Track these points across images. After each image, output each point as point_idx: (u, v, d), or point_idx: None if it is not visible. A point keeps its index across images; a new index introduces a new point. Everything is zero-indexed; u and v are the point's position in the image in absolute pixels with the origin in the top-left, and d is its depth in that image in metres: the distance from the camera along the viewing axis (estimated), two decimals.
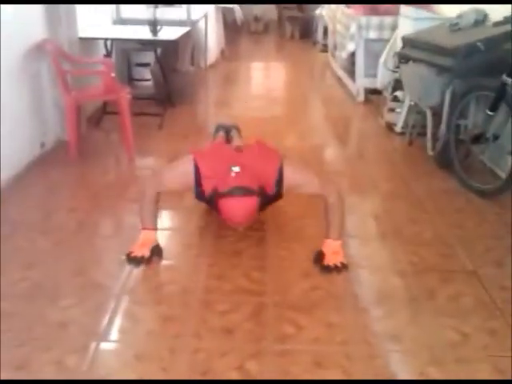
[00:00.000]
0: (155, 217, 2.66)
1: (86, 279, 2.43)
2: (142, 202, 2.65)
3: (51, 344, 2.02)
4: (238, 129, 3.65)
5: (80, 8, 4.19)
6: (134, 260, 2.55)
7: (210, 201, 2.50)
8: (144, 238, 2.62)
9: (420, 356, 2.01)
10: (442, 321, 2.20)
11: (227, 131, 3.58)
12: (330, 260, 2.55)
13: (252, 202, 2.38)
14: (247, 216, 2.41)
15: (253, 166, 2.50)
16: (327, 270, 2.52)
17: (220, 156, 2.67)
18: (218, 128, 3.64)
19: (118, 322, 2.17)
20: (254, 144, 2.82)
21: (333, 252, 2.58)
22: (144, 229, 2.64)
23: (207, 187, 2.50)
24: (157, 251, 2.61)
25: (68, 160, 3.71)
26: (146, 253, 2.58)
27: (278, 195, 2.62)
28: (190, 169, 2.54)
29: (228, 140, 3.48)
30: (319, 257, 2.58)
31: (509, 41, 3.25)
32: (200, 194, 2.58)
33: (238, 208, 2.37)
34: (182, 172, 2.61)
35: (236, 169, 2.44)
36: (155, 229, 2.66)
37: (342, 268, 2.53)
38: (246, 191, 2.35)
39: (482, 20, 3.72)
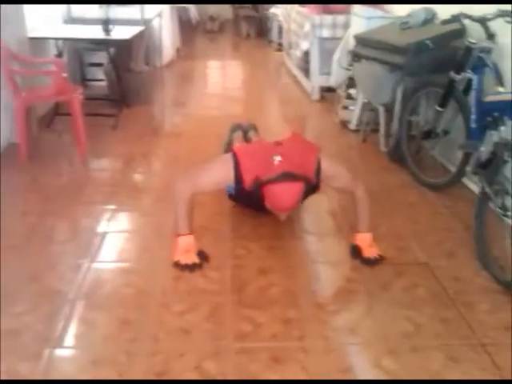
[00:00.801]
0: (191, 221, 2.59)
1: (39, 285, 2.38)
2: (177, 207, 2.56)
3: (3, 352, 1.96)
4: (256, 128, 3.53)
5: (29, 7, 4.09)
6: (186, 268, 2.49)
7: (254, 192, 2.42)
8: (184, 244, 2.55)
9: (376, 347, 2.05)
10: (396, 312, 2.25)
11: (245, 131, 3.47)
12: (369, 253, 2.59)
13: (299, 187, 2.37)
14: (294, 201, 2.39)
15: (293, 156, 2.50)
16: (369, 263, 2.56)
17: (260, 149, 2.63)
18: (234, 128, 3.49)
19: (73, 327, 2.13)
20: (291, 136, 2.80)
21: (369, 245, 2.62)
22: (180, 235, 2.56)
23: (249, 179, 2.44)
24: (204, 256, 2.57)
25: (19, 163, 3.61)
26: (195, 259, 2.53)
27: (317, 186, 2.61)
28: (230, 166, 2.50)
29: (246, 140, 3.37)
30: (357, 251, 2.61)
31: (456, 38, 3.35)
32: (240, 191, 2.54)
33: (286, 193, 2.36)
34: (220, 171, 2.56)
35: (278, 157, 2.43)
36: (191, 234, 2.58)
37: (381, 260, 2.58)
38: (292, 176, 2.35)
39: (430, 18, 3.80)
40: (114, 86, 4.95)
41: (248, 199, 2.69)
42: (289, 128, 4.40)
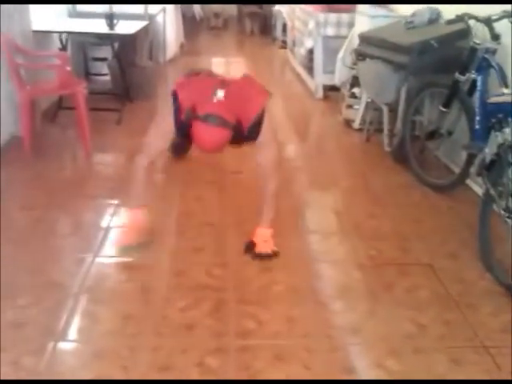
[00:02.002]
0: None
1: (43, 278, 2.38)
2: (135, 179, 2.63)
3: (6, 345, 1.97)
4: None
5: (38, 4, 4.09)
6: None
7: (186, 122, 2.35)
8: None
9: (379, 348, 2.05)
10: (399, 313, 2.25)
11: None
12: (261, 248, 2.60)
13: (223, 134, 2.30)
14: (216, 146, 2.35)
15: (235, 98, 2.39)
16: (259, 257, 2.57)
17: (202, 82, 2.51)
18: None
19: (76, 321, 2.14)
20: (242, 78, 2.68)
21: (264, 240, 2.62)
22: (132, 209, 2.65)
23: (184, 108, 2.37)
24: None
25: (22, 156, 3.60)
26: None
27: (252, 137, 2.52)
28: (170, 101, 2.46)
29: None
30: (250, 246, 2.62)
31: (461, 39, 3.34)
32: (178, 122, 2.45)
33: (209, 136, 2.30)
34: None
35: (220, 94, 2.35)
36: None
37: (273, 255, 2.58)
38: (220, 122, 2.27)
39: (435, 18, 3.80)
40: (118, 81, 4.94)
41: (182, 131, 2.51)
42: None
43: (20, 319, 2.10)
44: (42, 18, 4.41)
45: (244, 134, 2.44)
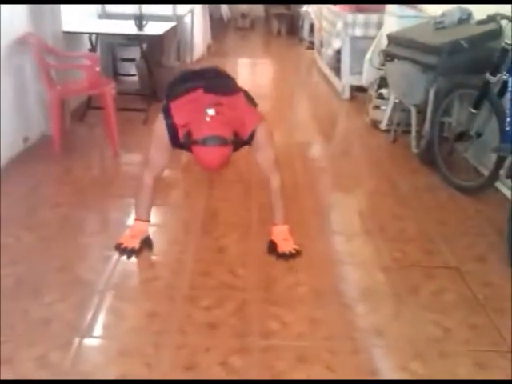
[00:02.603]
0: (150, 208, 2.65)
1: (70, 275, 2.42)
2: (138, 192, 2.63)
3: (35, 340, 2.01)
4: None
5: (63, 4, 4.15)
6: (123, 251, 2.56)
7: (185, 146, 2.37)
8: (135, 229, 2.63)
9: (403, 351, 2.03)
10: (424, 316, 2.22)
11: None
12: (283, 248, 2.58)
13: (225, 151, 2.29)
14: (220, 164, 2.34)
15: (228, 115, 2.36)
16: (284, 257, 2.55)
17: (195, 103, 2.42)
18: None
19: (101, 317, 2.17)
20: (234, 97, 2.56)
21: (283, 239, 2.61)
22: (137, 219, 2.65)
23: (181, 133, 2.37)
24: (147, 243, 2.62)
25: (52, 155, 3.67)
26: (137, 244, 2.58)
27: (249, 143, 2.53)
28: (163, 127, 2.46)
29: None
30: (272, 246, 2.60)
31: (492, 39, 3.29)
32: (175, 143, 2.47)
33: (212, 157, 2.28)
34: (158, 136, 2.51)
35: (211, 112, 2.31)
36: (148, 220, 2.66)
37: (296, 254, 2.56)
38: (219, 141, 2.24)
39: (466, 18, 3.75)
40: (146, 81, 5.00)
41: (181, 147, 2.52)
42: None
43: (47, 315, 2.14)
44: (73, 19, 4.48)
45: (242, 142, 2.45)
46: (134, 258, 2.55)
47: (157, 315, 2.18)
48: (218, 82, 2.61)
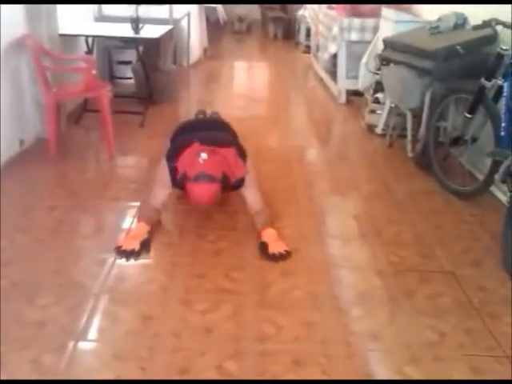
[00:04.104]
0: (154, 217, 2.81)
1: (64, 278, 2.41)
2: (146, 201, 2.87)
3: (28, 343, 2.00)
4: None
5: (61, 4, 4.15)
6: (123, 254, 2.57)
7: (180, 183, 2.72)
8: (136, 231, 2.70)
9: (398, 355, 2.03)
10: (420, 320, 2.22)
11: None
12: (274, 248, 2.62)
13: (213, 187, 2.64)
14: (209, 199, 2.68)
15: (218, 160, 2.71)
16: (274, 258, 2.58)
17: (192, 153, 2.74)
18: (199, 113, 3.72)
19: (96, 321, 2.16)
20: (229, 148, 2.83)
21: (274, 240, 2.66)
22: (140, 221, 2.74)
23: (179, 170, 2.71)
24: (145, 245, 2.64)
25: (48, 158, 3.67)
26: (136, 246, 2.60)
27: (238, 187, 2.84)
28: (166, 169, 2.77)
29: None
30: (264, 247, 2.63)
31: (488, 44, 3.30)
32: (174, 183, 2.78)
33: (201, 193, 2.64)
34: (161, 176, 2.83)
35: (204, 155, 2.67)
36: (149, 225, 2.73)
37: (287, 256, 2.60)
38: (209, 178, 2.61)
39: (461, 23, 3.77)
40: (142, 84, 5.00)
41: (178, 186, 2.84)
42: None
43: (41, 318, 2.13)
44: (69, 21, 4.48)
45: (231, 184, 2.76)
46: (132, 260, 2.55)
47: (152, 319, 2.17)
48: (213, 135, 2.91)
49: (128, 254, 2.57)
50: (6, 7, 3.48)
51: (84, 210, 3.07)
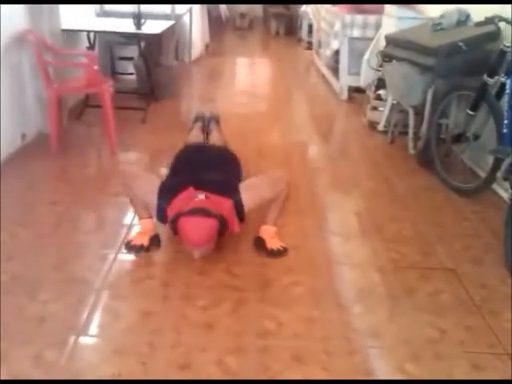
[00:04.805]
0: (145, 207, 2.66)
1: (66, 273, 2.41)
2: (129, 197, 2.68)
3: (30, 338, 2.00)
4: (218, 120, 3.62)
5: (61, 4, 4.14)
6: (133, 248, 2.58)
7: (171, 223, 2.37)
8: (143, 227, 2.68)
9: (398, 352, 2.03)
10: (420, 317, 2.22)
11: (207, 122, 3.56)
12: (271, 244, 2.61)
13: (210, 223, 2.31)
14: (205, 237, 2.33)
15: (217, 202, 2.44)
16: (272, 254, 2.58)
17: (186, 196, 2.47)
18: (197, 118, 3.61)
19: (97, 316, 2.16)
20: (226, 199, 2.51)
21: (271, 236, 2.64)
22: (141, 219, 2.69)
23: (171, 213, 2.41)
24: (156, 240, 2.64)
25: (49, 153, 3.67)
26: (146, 241, 2.61)
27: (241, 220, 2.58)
28: (154, 189, 2.51)
29: (207, 132, 3.47)
30: (260, 243, 2.63)
31: (490, 41, 3.29)
32: (162, 218, 2.51)
33: (197, 228, 2.29)
34: (148, 188, 2.56)
35: (201, 196, 2.42)
36: (150, 217, 2.66)
37: (284, 252, 2.59)
38: (205, 212, 2.30)
39: (464, 20, 3.75)
40: (144, 80, 4.99)
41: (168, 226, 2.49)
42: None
43: (42, 313, 2.13)
44: (71, 16, 4.47)
45: (226, 224, 2.41)
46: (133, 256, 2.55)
47: (152, 314, 2.17)
48: (212, 180, 2.60)
49: (137, 249, 2.58)
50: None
51: (85, 205, 3.08)
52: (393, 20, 4.48)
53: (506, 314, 2.25)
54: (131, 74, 5.38)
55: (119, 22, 4.83)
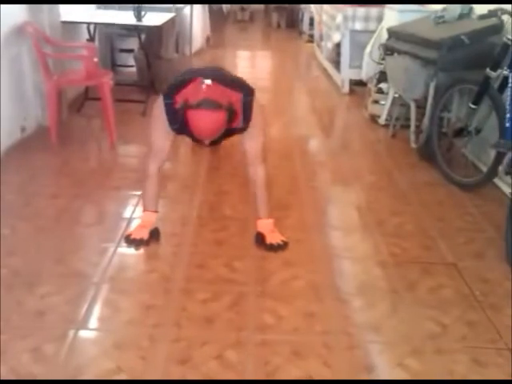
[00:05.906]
0: (157, 199, 2.67)
1: (66, 267, 2.40)
2: (145, 184, 2.64)
3: (29, 332, 1.99)
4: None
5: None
6: (133, 242, 2.56)
7: (180, 116, 2.35)
8: (145, 220, 2.65)
9: (399, 347, 2.02)
10: (421, 312, 2.21)
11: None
12: (271, 239, 2.59)
13: (218, 116, 2.30)
14: (213, 130, 2.34)
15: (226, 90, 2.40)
16: (272, 248, 2.56)
17: (194, 84, 2.41)
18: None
19: (97, 310, 2.15)
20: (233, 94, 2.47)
21: (270, 231, 2.62)
22: (145, 211, 2.66)
23: (179, 102, 2.37)
24: (155, 234, 2.62)
25: (49, 145, 3.65)
26: (146, 235, 2.59)
27: (244, 127, 2.53)
28: (161, 109, 2.47)
29: None
30: (260, 238, 2.61)
31: (493, 34, 3.27)
32: (174, 124, 2.47)
33: (205, 121, 2.29)
34: (156, 119, 2.55)
35: (208, 81, 2.35)
36: (156, 211, 2.66)
37: (284, 246, 2.58)
38: (213, 105, 2.27)
39: (467, 13, 3.73)
40: (144, 73, 4.97)
41: (180, 127, 2.49)
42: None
43: (42, 307, 2.13)
44: (71, 8, 4.44)
45: (237, 119, 2.42)
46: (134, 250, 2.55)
47: (152, 308, 2.17)
48: (221, 73, 2.58)
49: (137, 243, 2.57)
50: None
51: (85, 198, 3.06)
52: (395, 13, 4.46)
53: (508, 309, 2.24)
54: (131, 66, 5.35)
55: (119, 14, 4.81)
